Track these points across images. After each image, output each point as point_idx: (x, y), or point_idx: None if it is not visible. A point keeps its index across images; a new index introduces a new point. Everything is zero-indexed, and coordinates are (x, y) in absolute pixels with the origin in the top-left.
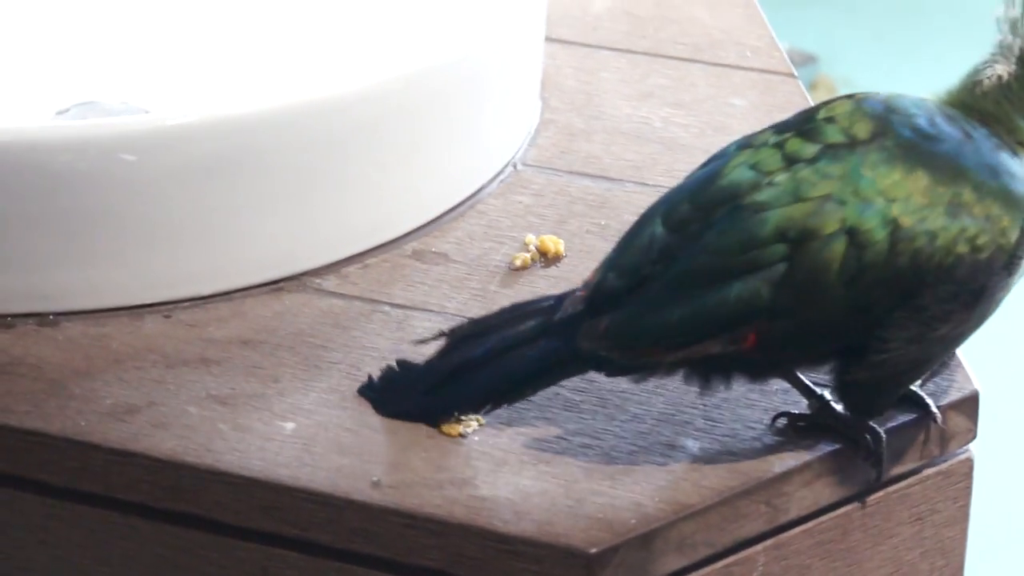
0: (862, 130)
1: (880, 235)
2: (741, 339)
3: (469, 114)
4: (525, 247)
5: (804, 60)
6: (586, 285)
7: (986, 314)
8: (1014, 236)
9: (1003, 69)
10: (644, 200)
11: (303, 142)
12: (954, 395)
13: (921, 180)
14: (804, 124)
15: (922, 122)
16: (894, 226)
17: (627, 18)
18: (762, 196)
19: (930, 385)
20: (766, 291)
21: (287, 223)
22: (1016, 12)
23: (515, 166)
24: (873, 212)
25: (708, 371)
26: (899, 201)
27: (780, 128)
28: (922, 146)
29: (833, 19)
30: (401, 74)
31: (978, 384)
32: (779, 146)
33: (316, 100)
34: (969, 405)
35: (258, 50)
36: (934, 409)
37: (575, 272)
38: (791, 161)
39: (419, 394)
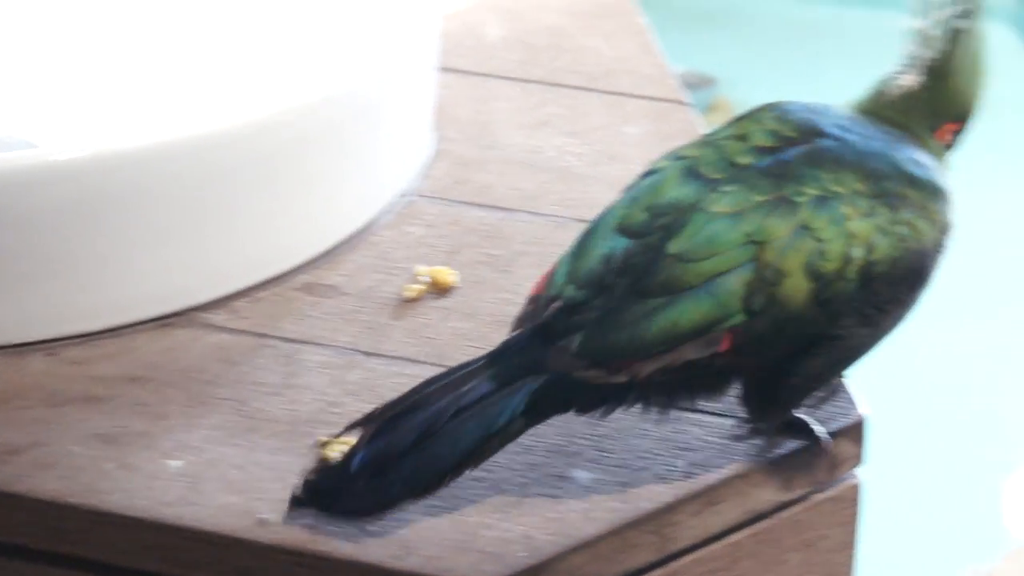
0: (793, 132)
1: (833, 232)
2: (717, 342)
3: (361, 145)
4: (417, 278)
5: (702, 82)
6: (534, 299)
7: (923, 293)
8: (943, 222)
9: (911, 79)
10: (537, 230)
11: (191, 176)
12: (841, 421)
13: (864, 176)
14: (735, 131)
15: (847, 123)
16: (846, 223)
17: (522, 47)
18: (721, 203)
19: (818, 412)
20: (739, 292)
21: (176, 257)
22: (926, 25)
23: (408, 197)
24: (826, 210)
25: (677, 386)
26: (847, 198)
27: (711, 139)
28: (856, 144)
29: (731, 42)
30: (291, 106)
31: (865, 409)
32: (718, 152)
33: (205, 134)
34: (856, 431)
35: (146, 83)
36: (823, 435)
37: (467, 303)
38: (734, 167)
39: (369, 486)
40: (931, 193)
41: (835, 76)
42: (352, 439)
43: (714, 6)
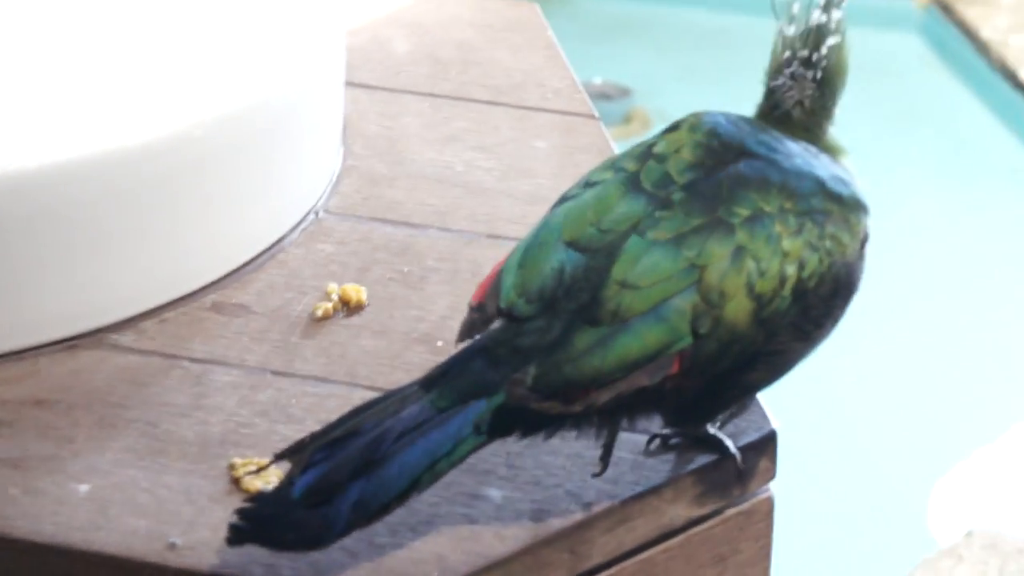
0: (721, 148)
1: (768, 251)
2: (668, 365)
3: (268, 163)
4: (327, 296)
5: (619, 93)
6: (479, 307)
7: (849, 303)
8: (863, 231)
9: (807, 84)
10: (447, 246)
11: (96, 195)
12: (752, 435)
13: (790, 194)
14: (668, 145)
15: (768, 139)
16: (780, 242)
17: (429, 61)
18: (659, 229)
19: (729, 427)
20: (687, 315)
21: (82, 278)
22: (791, 32)
23: (317, 214)
24: (761, 229)
25: (621, 409)
26: (777, 216)
27: (647, 151)
28: (780, 162)
29: (647, 52)
30: (196, 123)
31: (776, 423)
32: (659, 166)
33: (108, 152)
34: (767, 445)
35: (48, 101)
36: (734, 450)
37: (377, 321)
38: (674, 182)
39: (314, 514)
40: (852, 207)
41: (750, 85)
42: (265, 461)
43: (630, 17)
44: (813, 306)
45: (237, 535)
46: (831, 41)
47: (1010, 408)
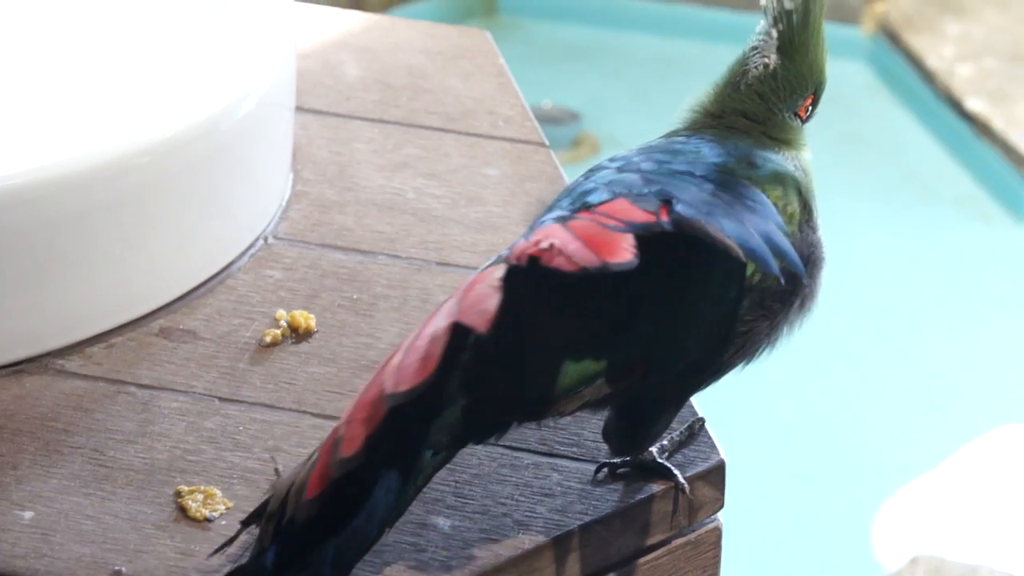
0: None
1: None
2: (634, 372)
3: (217, 187)
4: (275, 323)
5: (568, 118)
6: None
7: (821, 260)
8: (796, 201)
9: (769, 60)
10: (396, 273)
11: (41, 219)
12: (701, 465)
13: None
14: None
15: (678, 146)
16: None
17: (379, 87)
18: None
19: (678, 456)
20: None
21: (27, 303)
22: (784, 6)
23: (266, 239)
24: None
25: (586, 411)
26: None
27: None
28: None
29: (596, 78)
30: (144, 146)
31: (724, 454)
32: None
33: (54, 177)
34: (716, 475)
35: None
36: (681, 480)
37: (326, 348)
38: None
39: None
40: (775, 183)
41: None
42: (215, 490)
43: (580, 42)
44: (763, 286)
45: None
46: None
47: (954, 433)
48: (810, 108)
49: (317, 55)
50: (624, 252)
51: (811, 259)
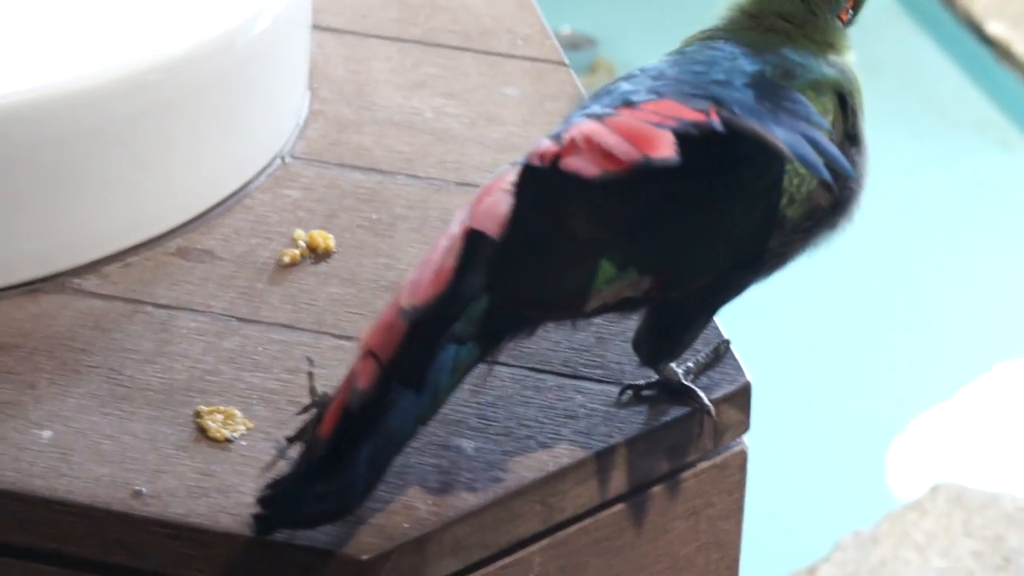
0: None
1: None
2: (652, 280)
3: (233, 106)
4: (294, 243)
5: (584, 43)
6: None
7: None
8: (831, 114)
9: None
10: (416, 193)
11: (56, 136)
12: (726, 387)
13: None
14: None
15: (711, 52)
16: None
17: (397, 5)
18: None
19: (703, 379)
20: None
21: (42, 221)
22: None
23: (283, 159)
24: None
25: (608, 313)
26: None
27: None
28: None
29: (612, 2)
30: (158, 63)
31: (750, 376)
32: None
33: (69, 91)
34: (741, 397)
35: (5, 40)
36: (707, 402)
37: (345, 268)
38: None
39: (328, 485)
40: (814, 95)
41: None
42: (235, 411)
43: None
44: (790, 219)
45: (263, 524)
46: None
47: (972, 362)
48: (851, 11)
49: None
50: (666, 148)
51: (848, 185)
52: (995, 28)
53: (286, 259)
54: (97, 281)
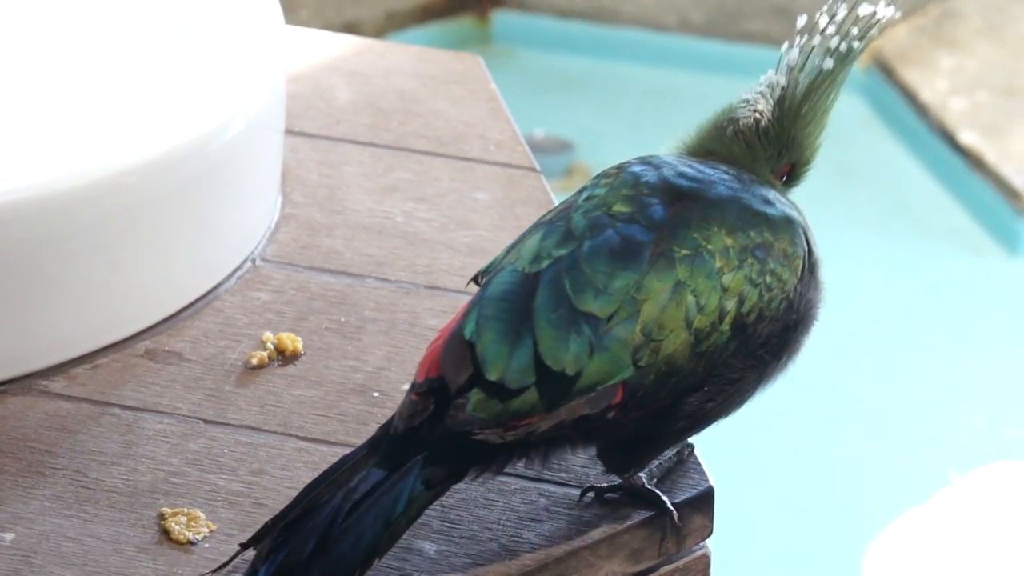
0: (651, 194)
1: (708, 286)
2: (611, 396)
3: (205, 209)
4: (262, 345)
5: (560, 147)
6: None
7: (805, 335)
8: (802, 250)
9: (763, 112)
10: (385, 296)
11: (27, 239)
12: (689, 491)
13: (730, 230)
14: (599, 201)
15: (685, 168)
16: (719, 277)
17: (371, 111)
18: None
19: (666, 483)
20: (628, 346)
21: (11, 323)
22: (795, 60)
23: (254, 262)
24: (702, 265)
25: (562, 439)
26: (719, 253)
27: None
28: (704, 192)
29: (589, 107)
30: (132, 166)
31: (713, 480)
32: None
33: (40, 195)
34: (705, 501)
35: None
36: (670, 506)
37: (313, 370)
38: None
39: None
40: (781, 225)
41: None
42: (199, 512)
43: (573, 71)
44: (757, 334)
45: None
46: (817, 70)
47: (946, 468)
48: (785, 176)
49: (308, 78)
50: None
51: (805, 318)
52: (967, 138)
53: (254, 361)
54: (64, 383)
